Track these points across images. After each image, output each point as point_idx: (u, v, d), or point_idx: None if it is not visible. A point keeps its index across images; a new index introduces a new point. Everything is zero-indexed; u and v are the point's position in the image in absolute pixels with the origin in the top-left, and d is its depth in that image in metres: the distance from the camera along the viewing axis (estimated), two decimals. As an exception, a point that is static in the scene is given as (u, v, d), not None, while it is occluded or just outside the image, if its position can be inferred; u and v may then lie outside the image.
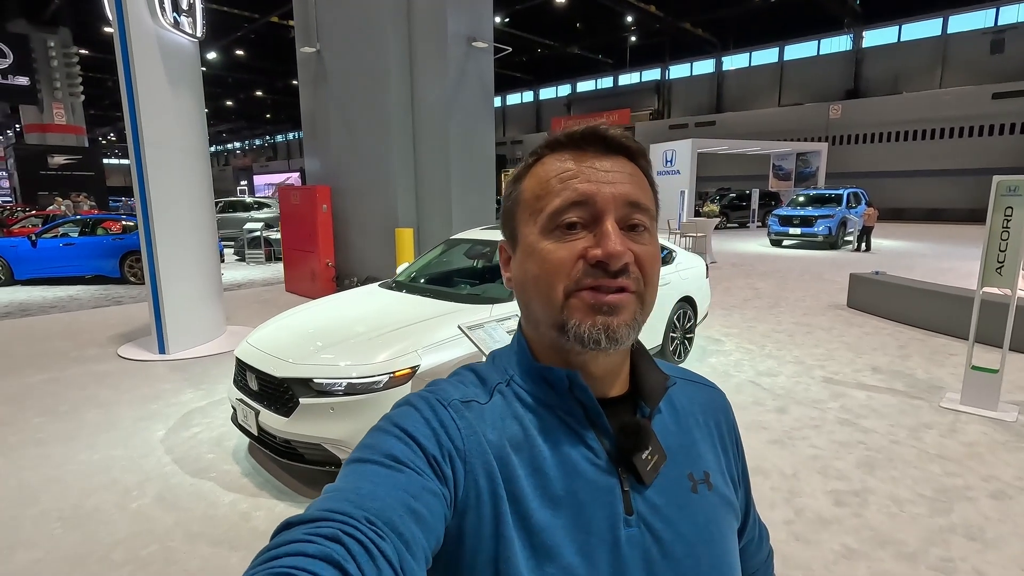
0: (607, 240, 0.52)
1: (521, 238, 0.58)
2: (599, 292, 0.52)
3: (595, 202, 0.53)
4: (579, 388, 0.56)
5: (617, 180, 0.55)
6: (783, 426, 3.72)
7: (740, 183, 25.43)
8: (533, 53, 30.93)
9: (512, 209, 0.60)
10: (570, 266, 0.53)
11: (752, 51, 30.58)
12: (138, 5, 4.96)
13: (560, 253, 0.53)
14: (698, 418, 0.65)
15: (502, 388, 0.59)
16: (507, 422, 0.56)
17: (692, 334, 5.18)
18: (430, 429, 0.52)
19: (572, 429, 0.56)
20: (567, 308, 0.53)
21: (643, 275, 0.54)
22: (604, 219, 0.53)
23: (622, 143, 0.57)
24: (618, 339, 0.52)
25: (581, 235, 0.54)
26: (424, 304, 3.55)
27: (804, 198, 15.80)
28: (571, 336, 0.53)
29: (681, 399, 0.65)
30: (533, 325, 0.59)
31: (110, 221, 10.32)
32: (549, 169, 0.56)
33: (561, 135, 0.58)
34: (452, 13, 7.51)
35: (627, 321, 0.53)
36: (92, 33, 23.95)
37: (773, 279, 9.65)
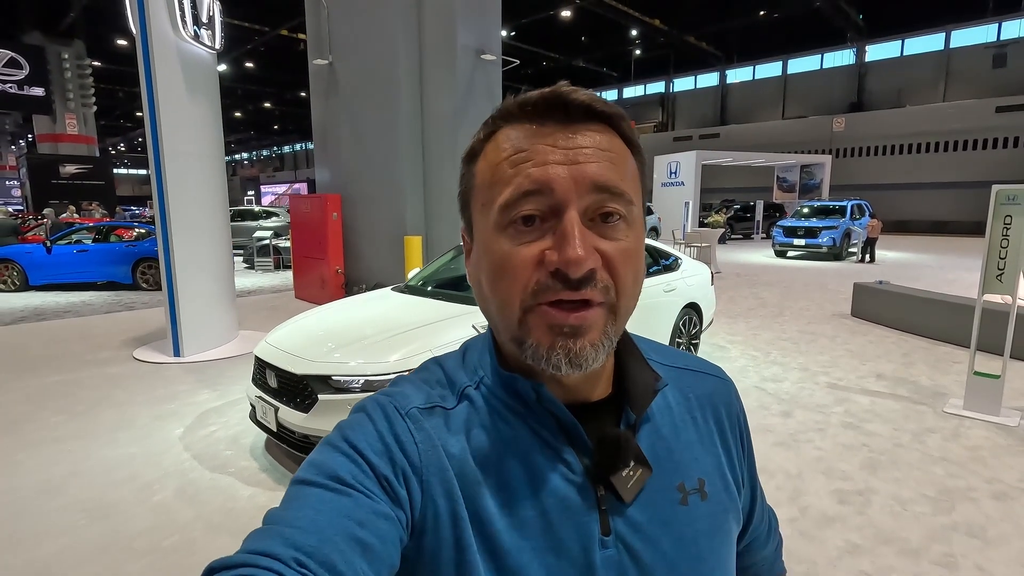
0: (566, 243, 0.43)
1: (476, 232, 0.51)
2: (560, 308, 0.45)
3: (552, 191, 0.44)
4: (548, 401, 0.50)
5: (583, 159, 0.45)
6: (788, 429, 3.78)
7: (744, 195, 25.56)
8: (539, 66, 31.31)
9: (467, 195, 0.52)
10: (527, 274, 0.45)
11: (756, 64, 30.88)
12: (161, 19, 5.13)
13: (514, 259, 0.45)
14: (695, 415, 0.58)
15: (471, 392, 0.53)
16: (474, 432, 0.50)
17: (698, 340, 5.24)
18: (383, 444, 0.47)
19: (545, 442, 0.50)
20: (524, 325, 0.46)
21: (615, 280, 0.46)
22: (564, 213, 0.44)
23: (590, 107, 0.46)
24: (581, 364, 0.45)
25: (538, 232, 0.45)
26: (436, 306, 3.65)
27: (808, 210, 15.89)
28: (529, 356, 0.47)
29: (677, 395, 0.58)
30: (495, 330, 0.53)
31: (123, 228, 10.49)
32: (501, 148, 0.47)
33: (513, 104, 0.48)
34: (462, 26, 7.69)
35: (593, 341, 0.45)
36: (106, 45, 24.40)
37: (777, 289, 9.71)
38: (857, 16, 25.22)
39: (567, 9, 23.26)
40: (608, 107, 0.48)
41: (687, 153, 18.82)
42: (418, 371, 0.56)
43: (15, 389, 4.63)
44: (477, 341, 0.58)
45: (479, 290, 0.51)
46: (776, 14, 24.74)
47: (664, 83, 34.38)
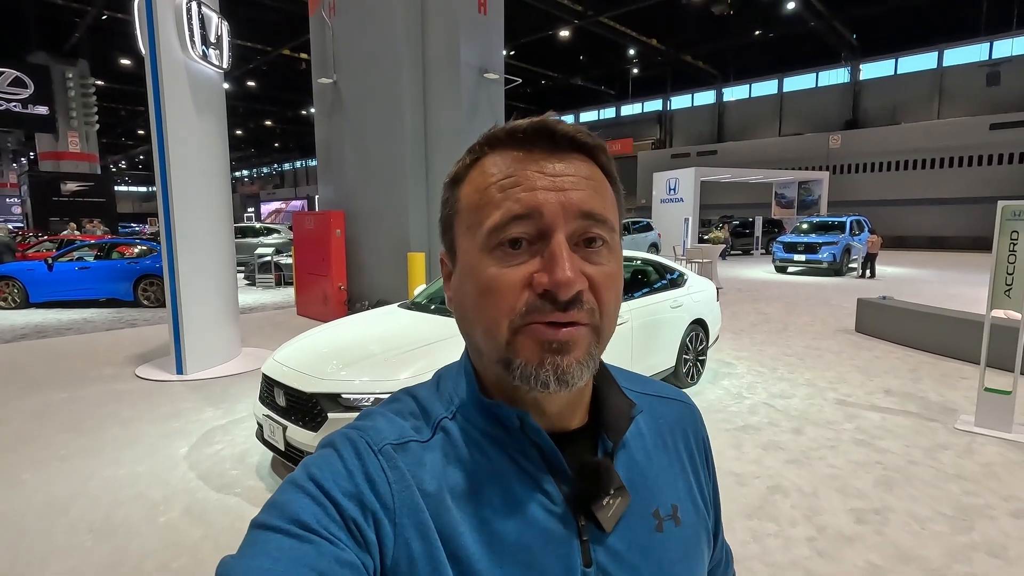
0: (555, 266, 0.44)
1: (460, 254, 0.51)
2: (548, 327, 0.45)
3: (541, 215, 0.46)
4: (532, 430, 0.49)
5: (569, 186, 0.47)
6: (799, 446, 3.75)
7: (742, 211, 25.71)
8: (537, 84, 31.69)
9: (450, 219, 0.52)
10: (515, 296, 0.46)
11: (752, 83, 31.28)
12: (170, 39, 5.19)
13: (502, 280, 0.46)
14: (666, 440, 0.59)
15: (446, 423, 0.52)
16: (450, 466, 0.49)
17: (704, 356, 5.23)
18: (352, 483, 0.45)
19: (525, 472, 0.50)
20: (512, 345, 0.46)
21: (599, 302, 0.47)
22: (552, 236, 0.46)
23: (575, 138, 0.49)
24: (568, 381, 0.46)
25: (526, 255, 0.46)
26: (444, 323, 3.63)
27: (808, 225, 15.97)
28: (517, 376, 0.46)
29: (648, 422, 0.59)
30: (476, 355, 0.52)
31: (125, 245, 10.49)
32: (489, 174, 0.48)
33: (501, 131, 0.49)
34: (465, 45, 7.79)
35: (580, 359, 0.46)
36: (110, 65, 24.66)
37: (780, 304, 9.72)
38: (851, 36, 25.64)
39: (566, 29, 23.61)
40: (591, 139, 0.50)
41: (686, 170, 18.95)
42: (389, 402, 0.55)
43: (19, 407, 4.58)
44: (451, 369, 0.58)
45: (462, 312, 0.50)
46: (771, 34, 25.14)
47: (661, 101, 34.78)
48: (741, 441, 3.84)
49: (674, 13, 22.48)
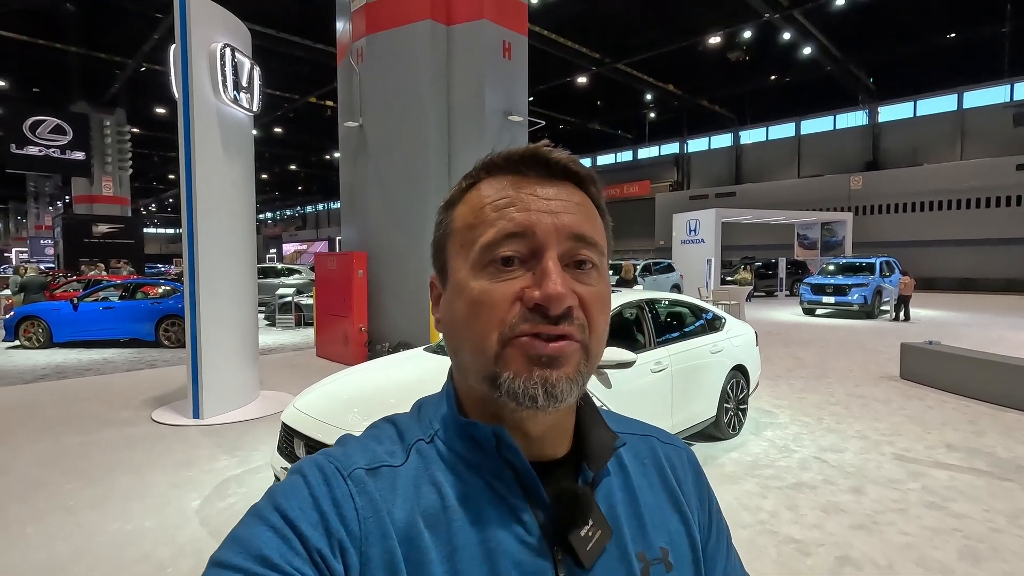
0: (547, 280, 0.45)
1: (451, 273, 0.51)
2: (538, 340, 0.45)
3: (534, 234, 0.47)
4: (508, 448, 0.48)
5: (561, 209, 0.48)
6: (863, 509, 3.40)
7: (763, 252, 25.38)
8: (555, 129, 32.25)
9: (443, 240, 0.52)
10: (505, 309, 0.46)
11: (769, 126, 31.47)
12: (203, 83, 5.27)
13: (494, 294, 0.46)
14: (652, 480, 0.57)
15: (422, 446, 0.51)
16: (423, 490, 0.48)
17: (745, 404, 4.91)
18: (318, 512, 0.44)
19: (501, 497, 0.48)
20: (501, 359, 0.46)
21: (588, 321, 0.47)
22: (544, 254, 0.46)
23: (568, 167, 0.50)
24: (557, 396, 0.45)
25: (518, 272, 0.47)
26: (474, 369, 3.43)
27: (835, 267, 15.60)
28: (504, 391, 0.45)
29: (633, 460, 0.57)
30: (462, 374, 0.51)
31: (149, 286, 10.56)
32: (484, 195, 0.49)
33: (499, 157, 0.51)
34: (489, 89, 7.88)
35: (569, 374, 0.46)
36: (145, 113, 25.78)
37: (813, 348, 9.33)
38: (867, 79, 25.80)
39: (583, 76, 24.17)
40: (582, 168, 0.51)
41: (706, 211, 18.84)
42: (368, 429, 0.54)
43: (31, 451, 4.43)
44: (433, 396, 0.57)
45: (451, 332, 0.50)
46: (787, 78, 25.42)
47: (678, 144, 35.09)
48: (796, 502, 3.50)
49: (690, 59, 22.93)
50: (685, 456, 0.62)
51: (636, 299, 4.17)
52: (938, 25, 20.41)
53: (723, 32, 20.13)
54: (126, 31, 18.33)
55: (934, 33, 20.98)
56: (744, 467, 4.09)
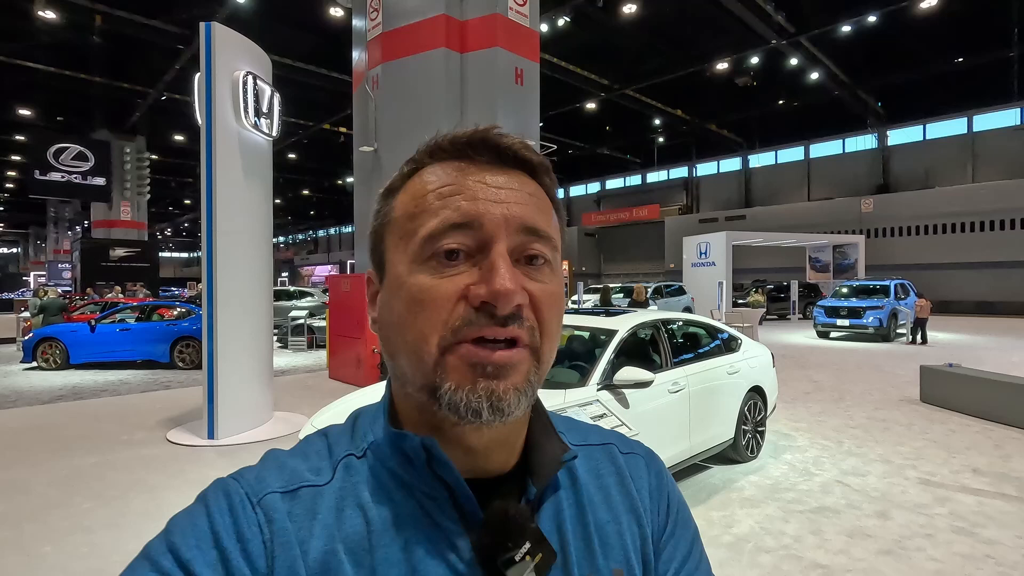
0: (494, 275, 0.41)
1: (389, 268, 0.46)
2: (483, 346, 0.41)
3: (482, 225, 0.42)
4: (440, 463, 0.43)
5: (511, 199, 0.44)
6: (890, 534, 3.31)
7: (774, 275, 25.25)
8: (564, 154, 32.62)
9: (381, 231, 0.48)
10: (448, 309, 0.42)
11: (778, 149, 31.61)
12: (225, 109, 5.42)
13: (435, 291, 0.42)
14: (612, 494, 0.52)
15: (351, 461, 0.46)
16: (346, 514, 0.43)
17: (763, 427, 4.84)
18: (218, 549, 0.39)
19: (433, 520, 0.43)
20: (442, 367, 0.42)
21: (540, 323, 0.43)
22: (492, 248, 0.42)
23: (520, 154, 0.46)
24: (504, 409, 0.41)
25: (463, 268, 0.43)
26: (491, 388, 3.42)
27: (848, 289, 15.47)
28: (444, 403, 0.41)
29: (588, 473, 0.52)
30: (400, 381, 0.47)
31: (165, 308, 10.69)
32: (427, 182, 0.45)
33: (444, 140, 0.47)
34: (502, 115, 8.01)
35: (517, 384, 0.42)
36: (164, 140, 26.46)
37: (829, 371, 9.19)
38: (876, 103, 25.94)
39: (592, 102, 24.52)
40: (536, 155, 0.47)
41: (717, 234, 18.83)
42: (299, 443, 0.50)
43: (48, 471, 4.44)
44: (372, 406, 0.52)
45: (388, 334, 0.46)
46: (795, 103, 25.63)
47: (687, 168, 35.29)
48: (820, 526, 3.42)
49: (698, 85, 23.23)
50: (644, 462, 0.56)
51: (651, 319, 4.16)
52: (946, 50, 20.57)
53: (730, 58, 20.42)
54: (148, 62, 18.93)
55: (942, 58, 21.14)
56: (764, 490, 4.01)
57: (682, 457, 3.92)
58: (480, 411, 0.41)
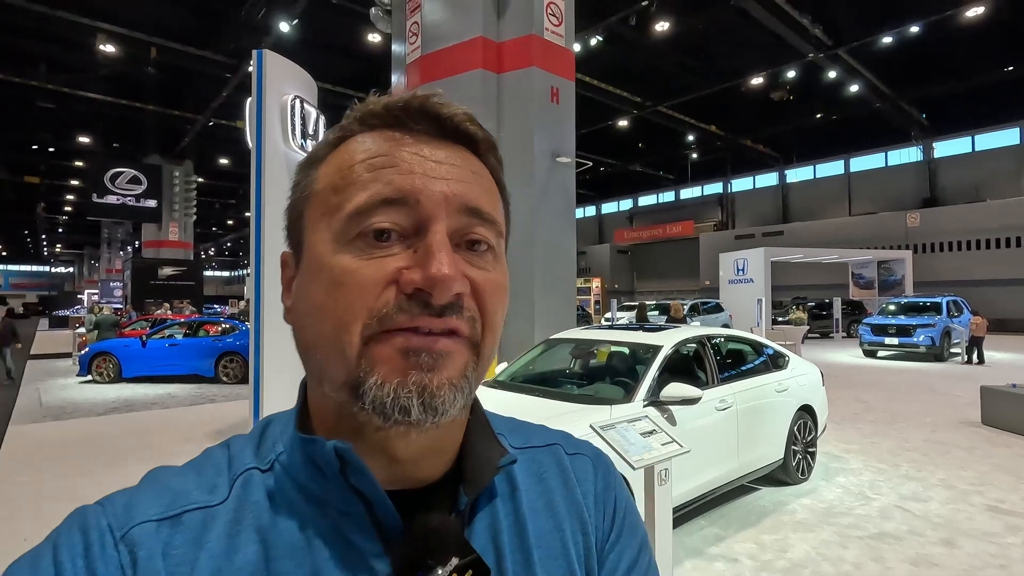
0: (432, 259, 0.36)
1: (307, 248, 0.41)
2: (415, 335, 0.37)
3: (418, 202, 0.38)
4: (356, 471, 0.37)
5: (453, 176, 0.39)
6: (959, 564, 3.12)
7: (815, 292, 24.51)
8: (596, 171, 32.65)
9: (300, 205, 0.42)
10: (375, 295, 0.37)
11: (816, 164, 30.93)
12: (274, 130, 5.64)
13: (361, 274, 0.37)
14: (556, 499, 0.47)
15: (253, 476, 0.40)
16: (241, 539, 0.37)
17: (814, 448, 4.66)
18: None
19: (346, 539, 0.38)
20: (366, 359, 0.37)
21: (482, 313, 0.39)
22: (430, 228, 0.38)
23: (462, 127, 0.41)
24: (438, 408, 0.36)
25: (395, 250, 0.38)
26: (535, 403, 3.41)
27: (896, 306, 14.88)
28: (368, 401, 0.36)
29: (529, 477, 0.47)
30: (316, 380, 0.41)
31: (211, 324, 11.06)
32: (356, 152, 0.40)
33: (378, 105, 0.41)
34: (538, 133, 8.09)
35: (454, 379, 0.37)
36: (210, 164, 27.64)
37: (879, 391, 8.81)
38: (920, 115, 25.16)
39: (624, 120, 24.54)
40: (481, 129, 0.43)
41: (755, 250, 18.45)
42: (198, 456, 0.44)
43: (101, 481, 4.61)
44: (286, 413, 0.46)
45: (304, 324, 0.40)
46: (834, 116, 25.08)
47: (722, 183, 34.83)
48: (881, 553, 3.25)
49: (732, 100, 23.00)
50: (591, 463, 0.51)
51: (696, 334, 4.09)
52: (995, 59, 19.87)
53: (765, 73, 20.18)
54: (197, 90, 19.92)
55: (991, 67, 20.42)
56: (818, 514, 3.85)
57: (730, 477, 3.80)
58: (410, 408, 0.36)
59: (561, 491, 0.48)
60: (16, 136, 23.81)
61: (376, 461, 0.39)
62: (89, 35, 15.57)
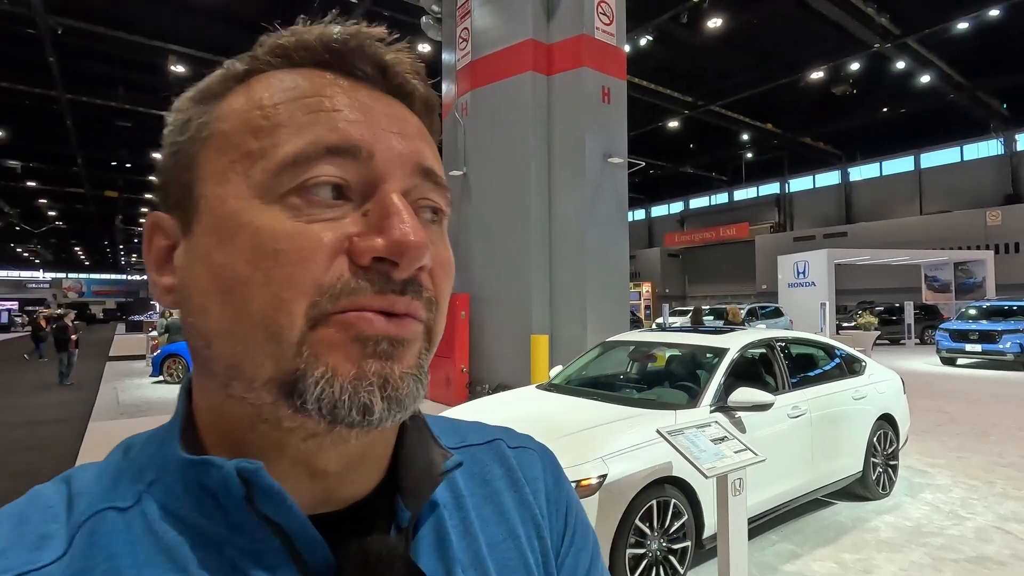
0: (395, 223, 0.29)
1: (208, 205, 0.31)
2: (378, 317, 0.30)
3: (371, 156, 0.31)
4: (268, 498, 0.29)
5: (407, 132, 0.33)
6: (1077, 593, 2.78)
7: (881, 296, 23.12)
8: (645, 174, 32.08)
9: (190, 149, 0.33)
10: (323, 267, 0.29)
11: (882, 160, 29.29)
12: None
13: (302, 239, 0.29)
14: (504, 501, 0.42)
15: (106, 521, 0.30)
16: None
17: (895, 460, 4.32)
18: None
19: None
20: (310, 348, 0.29)
21: (437, 295, 0.33)
22: (383, 188, 0.31)
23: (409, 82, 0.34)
24: (402, 401, 0.30)
25: (343, 210, 0.30)
26: (594, 408, 3.29)
27: (977, 311, 13.80)
28: (312, 401, 0.28)
29: (472, 480, 0.42)
30: (217, 379, 0.32)
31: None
32: (280, 88, 0.32)
33: (311, 35, 0.33)
34: (590, 133, 7.98)
35: (411, 368, 0.31)
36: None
37: (962, 402, 8.15)
38: (1000, 105, 23.38)
39: (675, 120, 24.01)
40: (428, 91, 0.36)
41: (817, 252, 17.60)
42: (15, 502, 0.32)
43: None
44: (149, 432, 0.36)
45: (205, 305, 0.30)
46: (903, 109, 23.66)
47: (779, 184, 33.50)
48: (983, 578, 2.95)
49: (790, 96, 22.08)
50: (538, 458, 0.46)
51: (764, 337, 3.87)
52: (1086, 41, 18.23)
53: (826, 66, 19.27)
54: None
55: (1082, 50, 18.75)
56: (905, 533, 3.54)
57: (804, 490, 3.56)
58: (372, 405, 0.29)
59: (509, 493, 0.43)
60: (97, 154, 25.66)
61: (294, 480, 0.32)
62: (161, 56, 16.62)
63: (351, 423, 0.29)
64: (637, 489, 2.62)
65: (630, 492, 2.61)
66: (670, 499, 2.77)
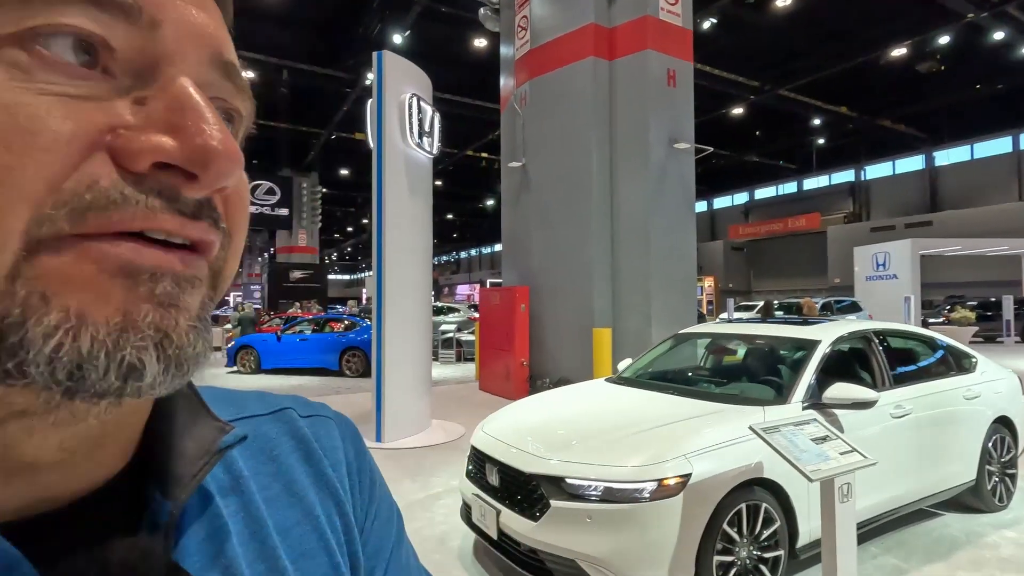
0: (197, 117, 0.22)
1: None
2: (148, 246, 0.22)
3: (157, 23, 0.22)
4: None
5: (207, 5, 0.25)
6: None
7: (972, 290, 21.23)
8: (707, 163, 30.83)
9: None
10: (60, 159, 0.20)
11: (974, 142, 26.87)
12: (393, 131, 5.79)
13: (29, 116, 0.19)
14: (297, 477, 0.35)
15: None
16: None
17: (1014, 469, 3.84)
18: None
19: None
20: (32, 281, 0.20)
21: (230, 230, 0.26)
22: (170, 69, 0.23)
23: None
24: (185, 361, 0.23)
25: (96, 86, 0.21)
26: (670, 402, 3.08)
27: (1093, 305, 12.37)
28: (37, 363, 0.20)
29: (254, 458, 0.34)
30: None
31: (335, 321, 11.81)
32: None
33: None
34: (654, 119, 7.66)
35: (193, 319, 0.24)
36: (332, 175, 29.94)
37: (1082, 406, 7.26)
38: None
39: (739, 107, 22.93)
40: None
41: (900, 242, 16.36)
42: None
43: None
44: None
45: None
46: (999, 85, 21.56)
47: (854, 171, 31.40)
48: None
49: (867, 77, 20.61)
50: (335, 426, 0.41)
51: (860, 328, 3.52)
52: None
53: (909, 42, 17.81)
54: (321, 107, 21.61)
55: None
56: (1031, 552, 3.12)
57: (909, 498, 3.21)
58: (142, 369, 0.21)
59: (303, 467, 0.37)
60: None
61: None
62: (232, 63, 17.45)
63: (102, 391, 0.21)
64: (725, 491, 2.41)
65: (717, 494, 2.40)
66: (761, 503, 2.53)
